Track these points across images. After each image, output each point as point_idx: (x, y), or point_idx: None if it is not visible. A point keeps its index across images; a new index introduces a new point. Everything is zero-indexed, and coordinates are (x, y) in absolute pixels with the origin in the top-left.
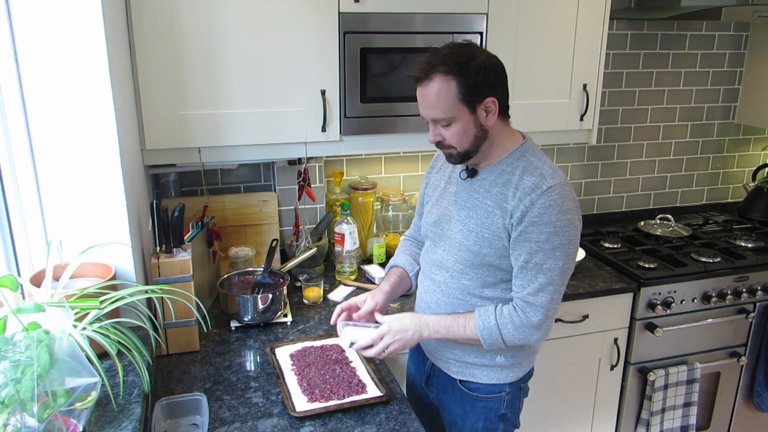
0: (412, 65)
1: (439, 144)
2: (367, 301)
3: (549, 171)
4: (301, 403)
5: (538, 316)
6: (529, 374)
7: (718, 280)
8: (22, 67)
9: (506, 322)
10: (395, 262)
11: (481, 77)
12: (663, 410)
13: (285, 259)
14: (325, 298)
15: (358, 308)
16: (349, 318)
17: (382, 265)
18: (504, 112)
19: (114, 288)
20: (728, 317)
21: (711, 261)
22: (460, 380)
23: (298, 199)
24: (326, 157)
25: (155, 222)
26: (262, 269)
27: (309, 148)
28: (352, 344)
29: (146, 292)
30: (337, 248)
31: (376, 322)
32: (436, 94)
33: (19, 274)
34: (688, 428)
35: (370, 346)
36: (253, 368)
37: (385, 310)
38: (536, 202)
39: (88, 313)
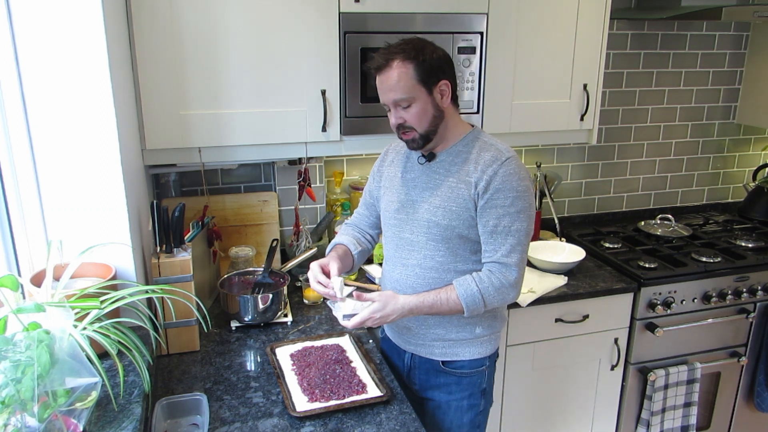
0: None
1: (401, 127)
2: (332, 264)
3: (503, 146)
4: (302, 403)
5: (513, 275)
6: (498, 347)
7: (718, 280)
8: (23, 67)
9: (487, 285)
10: (338, 240)
11: (435, 62)
12: (663, 410)
13: (285, 259)
14: (325, 298)
15: (325, 271)
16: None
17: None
18: (454, 100)
19: (114, 288)
20: (728, 317)
21: (711, 261)
22: (443, 362)
23: (299, 199)
24: (326, 157)
25: (155, 222)
26: (262, 269)
27: (309, 148)
28: (345, 317)
29: (146, 292)
30: None
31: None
32: (396, 77)
33: (19, 274)
34: (688, 428)
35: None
36: (253, 368)
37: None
38: (498, 171)
39: (88, 313)
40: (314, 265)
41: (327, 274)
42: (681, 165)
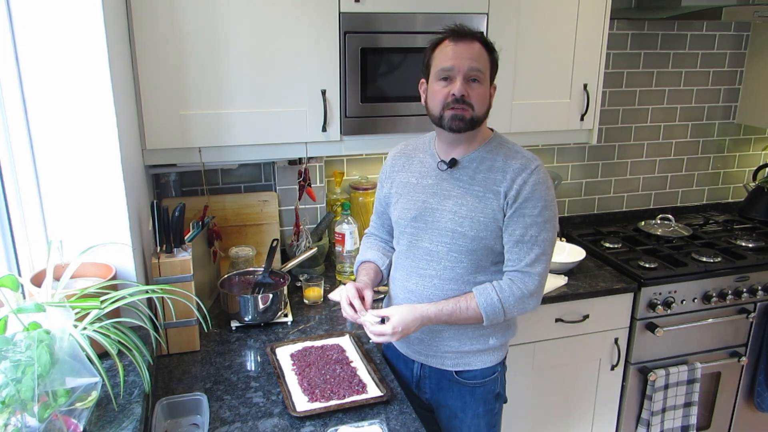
0: (412, 65)
1: (460, 100)
2: (366, 293)
3: (529, 154)
4: (302, 403)
5: (534, 284)
6: (507, 351)
7: (718, 280)
8: (23, 67)
9: (507, 295)
10: (366, 257)
11: (497, 63)
12: (663, 410)
13: (285, 259)
14: (325, 298)
15: (360, 297)
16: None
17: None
18: None
19: (114, 288)
20: (729, 317)
21: (711, 261)
22: (455, 372)
23: (299, 199)
24: (327, 157)
25: (156, 222)
26: (262, 269)
27: (309, 147)
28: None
29: (147, 292)
30: (338, 248)
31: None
32: (478, 51)
33: (19, 274)
34: (688, 428)
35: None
36: (253, 368)
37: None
38: (528, 180)
39: (88, 313)
40: (350, 287)
41: (362, 297)
42: (681, 165)
